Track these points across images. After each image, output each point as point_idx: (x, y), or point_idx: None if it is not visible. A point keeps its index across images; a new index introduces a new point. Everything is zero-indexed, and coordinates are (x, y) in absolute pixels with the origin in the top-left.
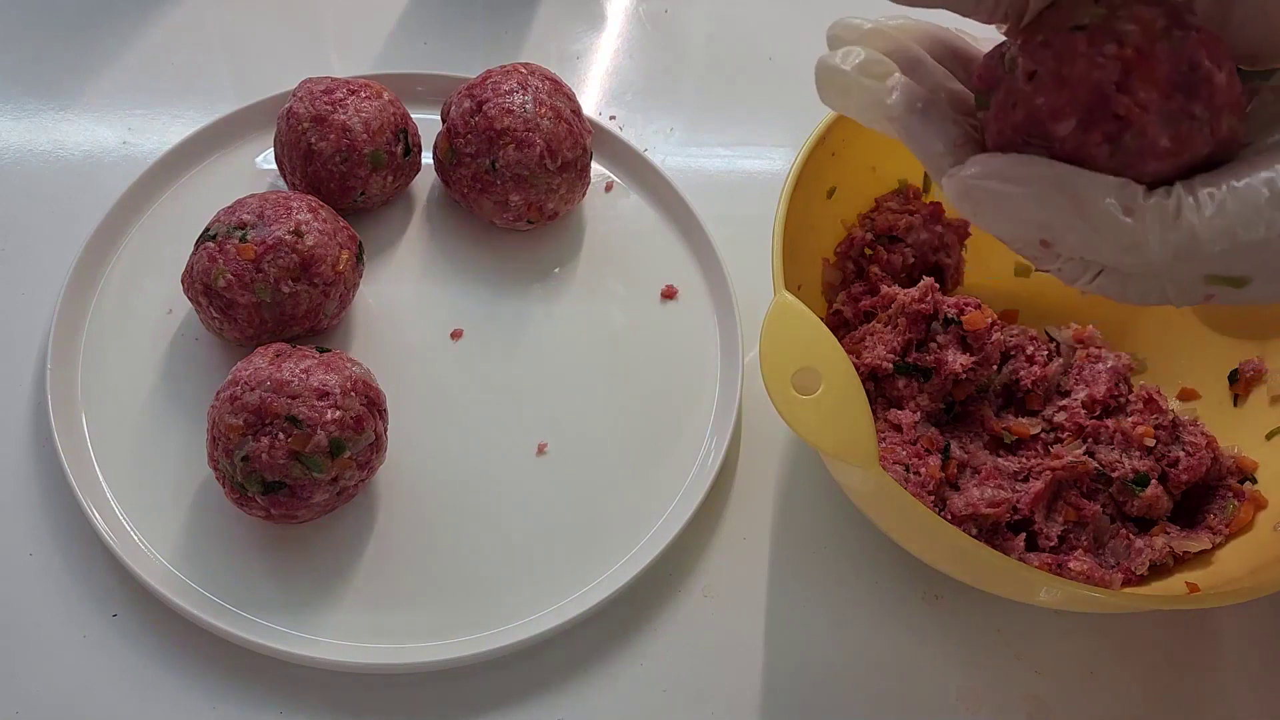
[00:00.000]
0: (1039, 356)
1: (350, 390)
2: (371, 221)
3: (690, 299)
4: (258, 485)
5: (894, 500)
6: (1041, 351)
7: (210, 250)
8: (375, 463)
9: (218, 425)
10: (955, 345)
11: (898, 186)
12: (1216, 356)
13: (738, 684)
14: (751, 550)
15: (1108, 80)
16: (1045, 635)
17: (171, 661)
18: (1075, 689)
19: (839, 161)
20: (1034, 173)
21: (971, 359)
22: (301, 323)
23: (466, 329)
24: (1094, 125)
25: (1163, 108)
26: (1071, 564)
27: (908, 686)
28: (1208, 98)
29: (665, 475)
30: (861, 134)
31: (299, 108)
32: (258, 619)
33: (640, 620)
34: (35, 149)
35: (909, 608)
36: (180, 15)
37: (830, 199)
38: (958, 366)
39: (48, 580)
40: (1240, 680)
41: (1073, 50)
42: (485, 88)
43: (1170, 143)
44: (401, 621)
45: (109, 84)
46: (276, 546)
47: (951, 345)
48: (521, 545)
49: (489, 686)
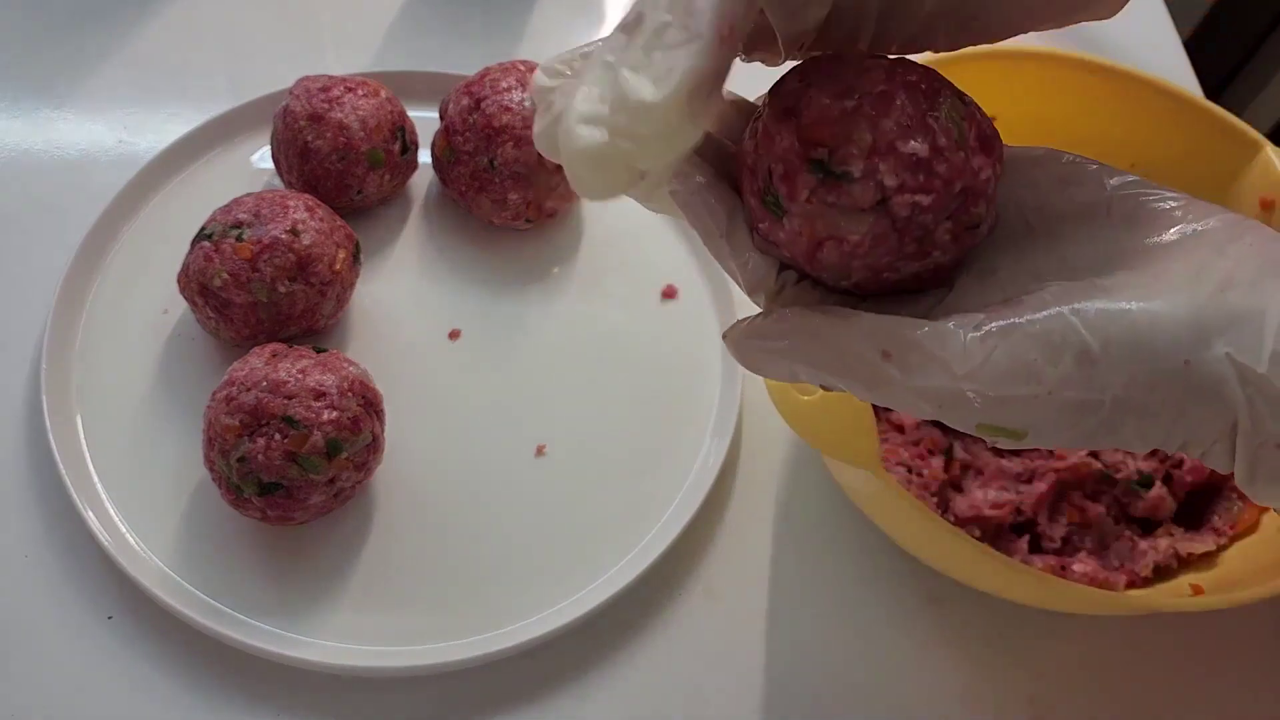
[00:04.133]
0: None
1: (347, 391)
2: (369, 220)
3: (690, 299)
4: (254, 486)
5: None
6: None
7: (206, 249)
8: (372, 464)
9: (214, 426)
10: None
11: None
12: None
13: (738, 685)
14: (752, 551)
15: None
16: (1047, 636)
17: (167, 664)
18: (1076, 690)
19: None
20: (789, 327)
21: None
22: (298, 322)
23: (465, 329)
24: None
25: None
26: (1075, 566)
27: (908, 687)
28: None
29: (665, 476)
30: None
31: (296, 106)
32: (254, 621)
33: (640, 621)
34: (30, 147)
35: (910, 609)
36: (176, 13)
37: None
38: None
39: (43, 582)
40: (1242, 681)
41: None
42: (483, 85)
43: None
44: (399, 624)
45: (105, 82)
46: (273, 548)
47: None
48: (520, 547)
49: (488, 689)
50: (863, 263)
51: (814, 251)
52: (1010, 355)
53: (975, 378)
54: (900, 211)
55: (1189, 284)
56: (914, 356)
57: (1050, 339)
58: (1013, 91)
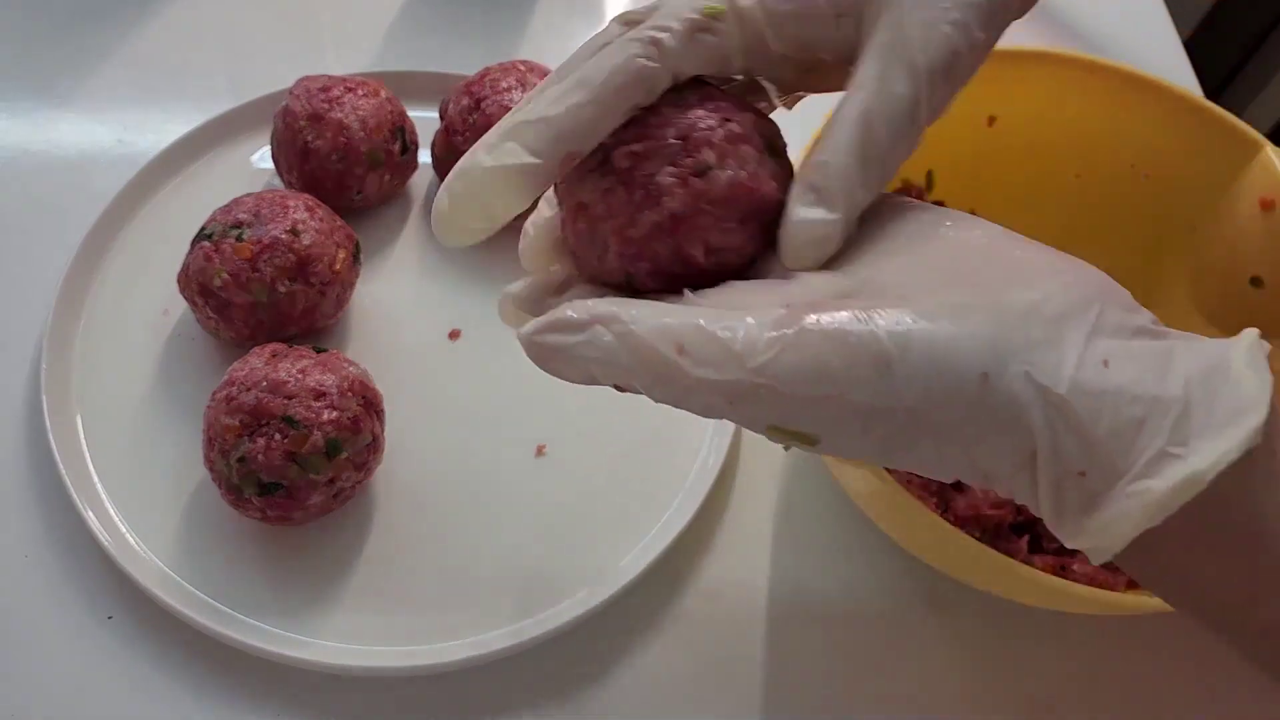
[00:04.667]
0: None
1: (347, 390)
2: (369, 220)
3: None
4: (254, 486)
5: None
6: None
7: (206, 250)
8: (372, 464)
9: (214, 426)
10: None
11: (900, 185)
12: None
13: (739, 685)
14: (752, 551)
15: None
16: (1047, 637)
17: (167, 664)
18: (1076, 690)
19: None
20: (585, 313)
21: None
22: (298, 322)
23: (465, 329)
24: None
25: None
26: (1075, 566)
27: (909, 687)
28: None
29: (665, 476)
30: None
31: (296, 106)
32: (254, 621)
33: (640, 621)
34: (30, 148)
35: (910, 608)
36: (176, 13)
37: None
38: None
39: (43, 582)
40: (1242, 681)
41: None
42: (484, 85)
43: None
44: (399, 624)
45: (104, 82)
46: (273, 548)
47: None
48: (520, 547)
49: (488, 689)
50: (613, 230)
51: (574, 227)
52: (805, 353)
53: (766, 372)
54: (620, 163)
55: (995, 308)
56: (708, 348)
57: (847, 340)
58: (1013, 91)
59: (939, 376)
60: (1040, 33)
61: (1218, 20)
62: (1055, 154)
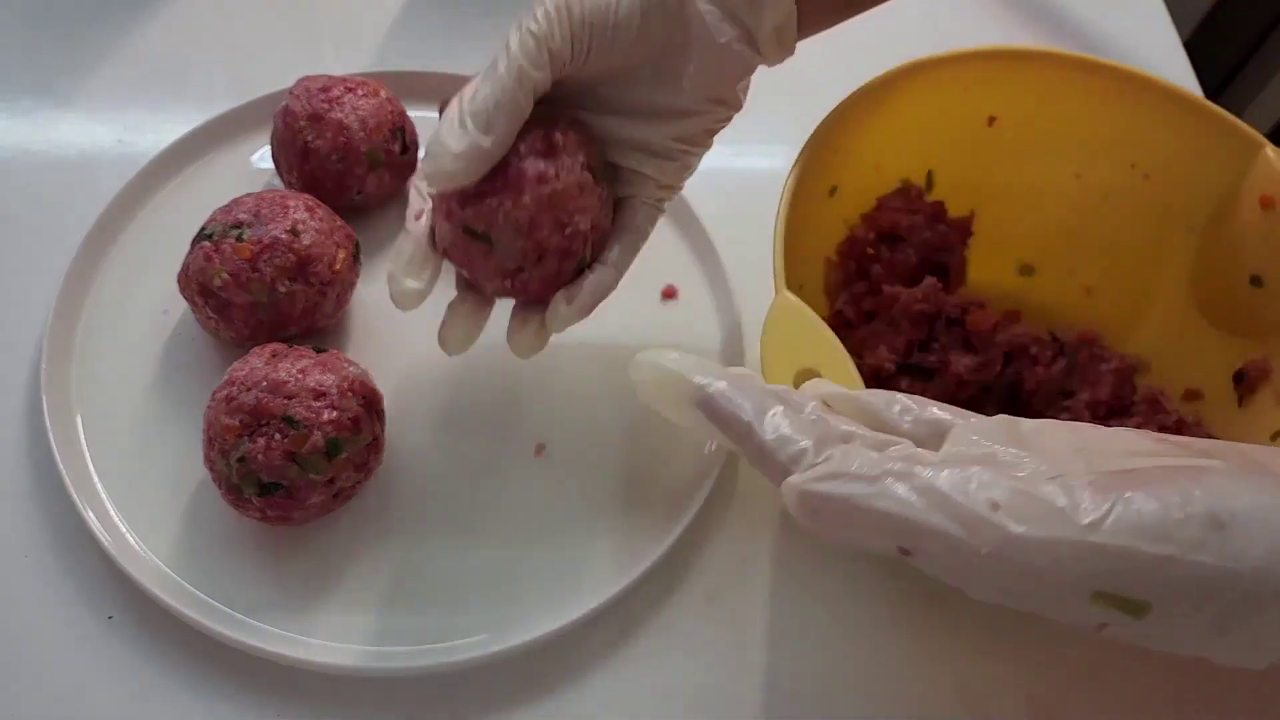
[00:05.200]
0: (1043, 357)
1: (347, 390)
2: (369, 220)
3: (690, 299)
4: (254, 486)
5: None
6: (1045, 352)
7: (206, 249)
8: (372, 464)
9: (214, 426)
10: (959, 346)
11: (900, 185)
12: (1221, 356)
13: (739, 685)
14: (752, 551)
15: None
16: (1046, 635)
17: (167, 664)
18: (1076, 690)
19: (841, 159)
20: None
21: (975, 360)
22: (298, 322)
23: None
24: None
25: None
26: None
27: (908, 686)
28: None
29: (666, 476)
30: (864, 131)
31: (296, 106)
32: (254, 621)
33: (640, 622)
34: (30, 148)
35: (910, 608)
36: (176, 13)
37: (832, 197)
38: (961, 367)
39: (43, 582)
40: (1242, 681)
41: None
42: None
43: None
44: (399, 624)
45: (104, 82)
46: (273, 548)
47: (955, 346)
48: (520, 548)
49: (487, 690)
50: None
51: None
52: (1136, 509)
53: (1102, 528)
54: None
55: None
56: (1030, 507)
57: (1169, 499)
58: (1013, 91)
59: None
60: (1040, 33)
61: (1218, 20)
62: (1055, 154)
